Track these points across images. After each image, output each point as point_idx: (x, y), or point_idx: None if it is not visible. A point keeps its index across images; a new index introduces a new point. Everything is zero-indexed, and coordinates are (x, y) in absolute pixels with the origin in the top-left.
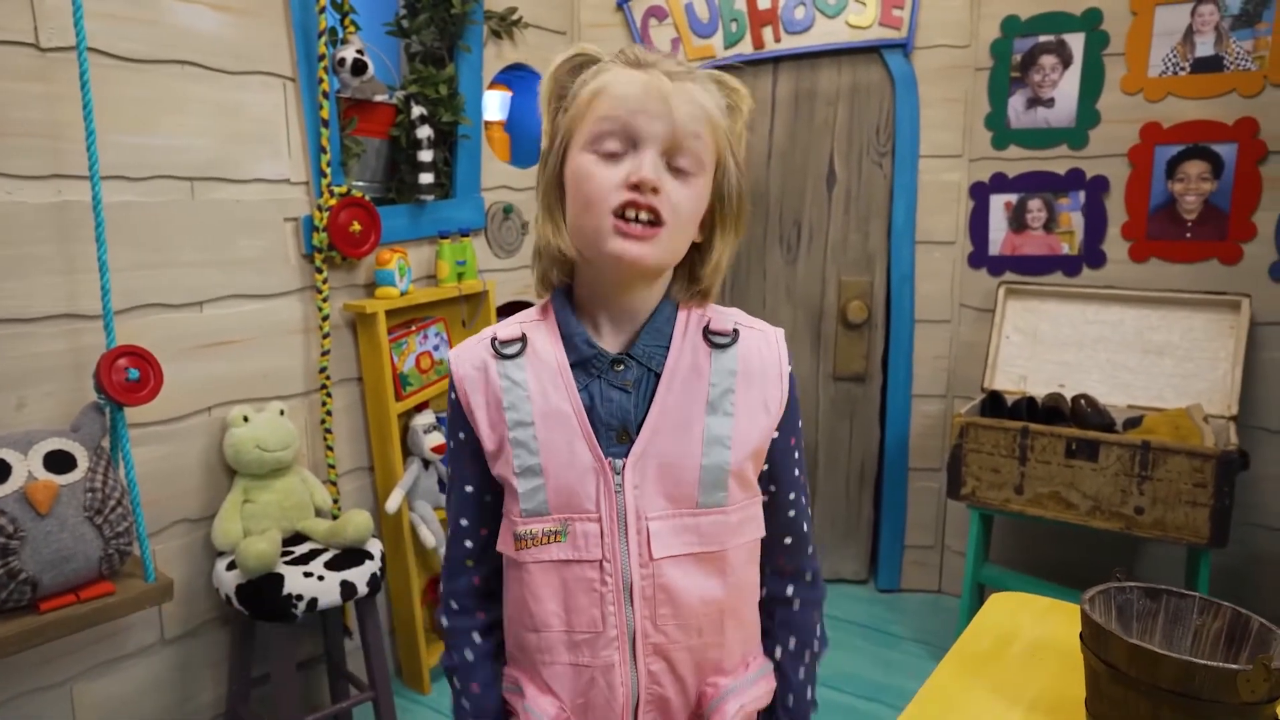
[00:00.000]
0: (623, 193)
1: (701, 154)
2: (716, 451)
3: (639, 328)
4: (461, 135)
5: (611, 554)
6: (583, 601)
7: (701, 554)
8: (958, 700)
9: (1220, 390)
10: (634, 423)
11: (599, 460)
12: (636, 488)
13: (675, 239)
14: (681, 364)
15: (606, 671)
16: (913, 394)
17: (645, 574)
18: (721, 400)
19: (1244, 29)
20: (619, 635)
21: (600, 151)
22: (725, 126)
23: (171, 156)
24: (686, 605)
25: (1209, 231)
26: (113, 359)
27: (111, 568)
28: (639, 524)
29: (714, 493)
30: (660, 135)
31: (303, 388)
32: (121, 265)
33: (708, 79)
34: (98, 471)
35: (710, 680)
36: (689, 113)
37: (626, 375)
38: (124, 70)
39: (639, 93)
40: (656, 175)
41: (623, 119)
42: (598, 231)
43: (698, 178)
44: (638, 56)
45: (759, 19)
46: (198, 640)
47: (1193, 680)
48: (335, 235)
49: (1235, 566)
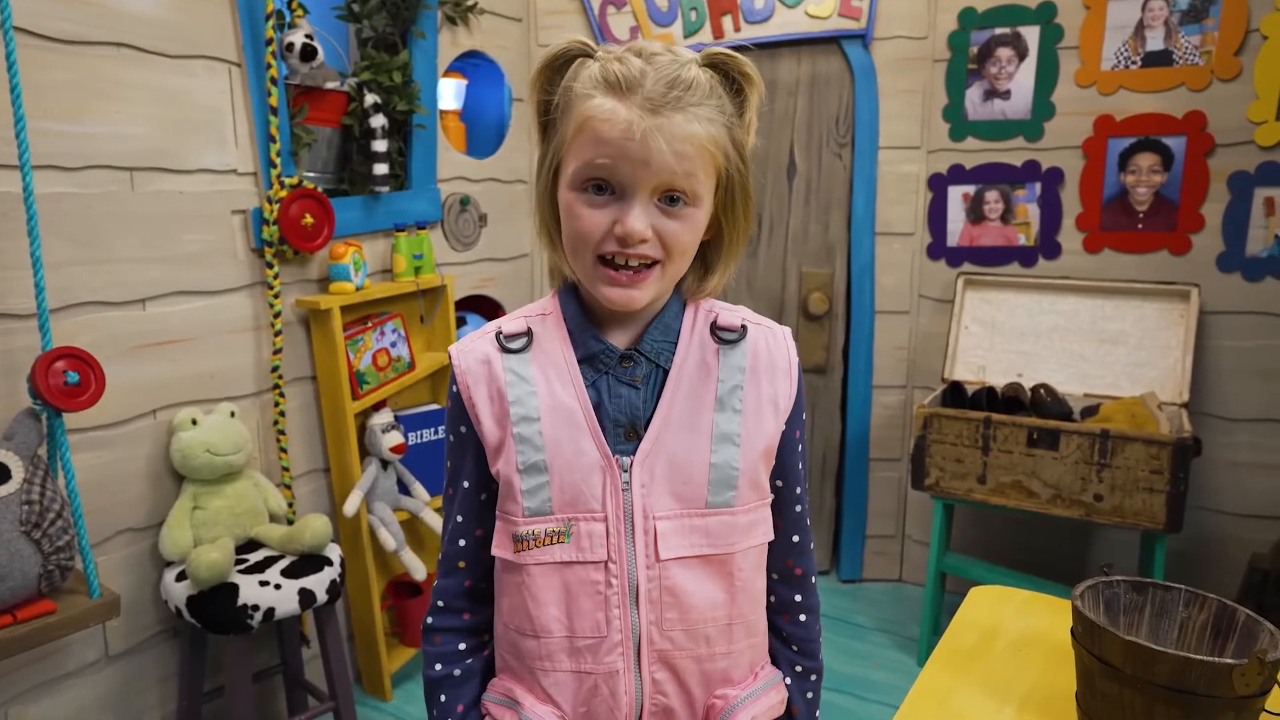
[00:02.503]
0: (610, 241)
1: (695, 187)
2: (726, 449)
3: (646, 324)
4: (416, 124)
5: (617, 554)
6: (586, 605)
7: (710, 556)
8: (949, 699)
9: (1172, 378)
10: (642, 419)
11: (606, 457)
12: (644, 486)
13: (670, 271)
14: (690, 360)
15: (610, 679)
16: (873, 385)
17: (652, 575)
18: (730, 397)
19: (1192, 24)
20: (623, 640)
21: (587, 190)
22: (728, 138)
23: (108, 145)
24: (694, 610)
25: (1160, 223)
26: (49, 361)
27: (52, 584)
28: (646, 523)
29: (723, 492)
30: (646, 180)
31: (254, 388)
32: (56, 261)
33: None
34: (34, 483)
35: (719, 692)
36: (677, 152)
37: (635, 371)
38: (53, 52)
39: (620, 135)
40: (643, 226)
41: (605, 166)
42: (586, 273)
43: (694, 209)
44: (621, 79)
45: (718, 8)
46: (145, 655)
47: (1188, 676)
48: (286, 228)
49: (1188, 550)
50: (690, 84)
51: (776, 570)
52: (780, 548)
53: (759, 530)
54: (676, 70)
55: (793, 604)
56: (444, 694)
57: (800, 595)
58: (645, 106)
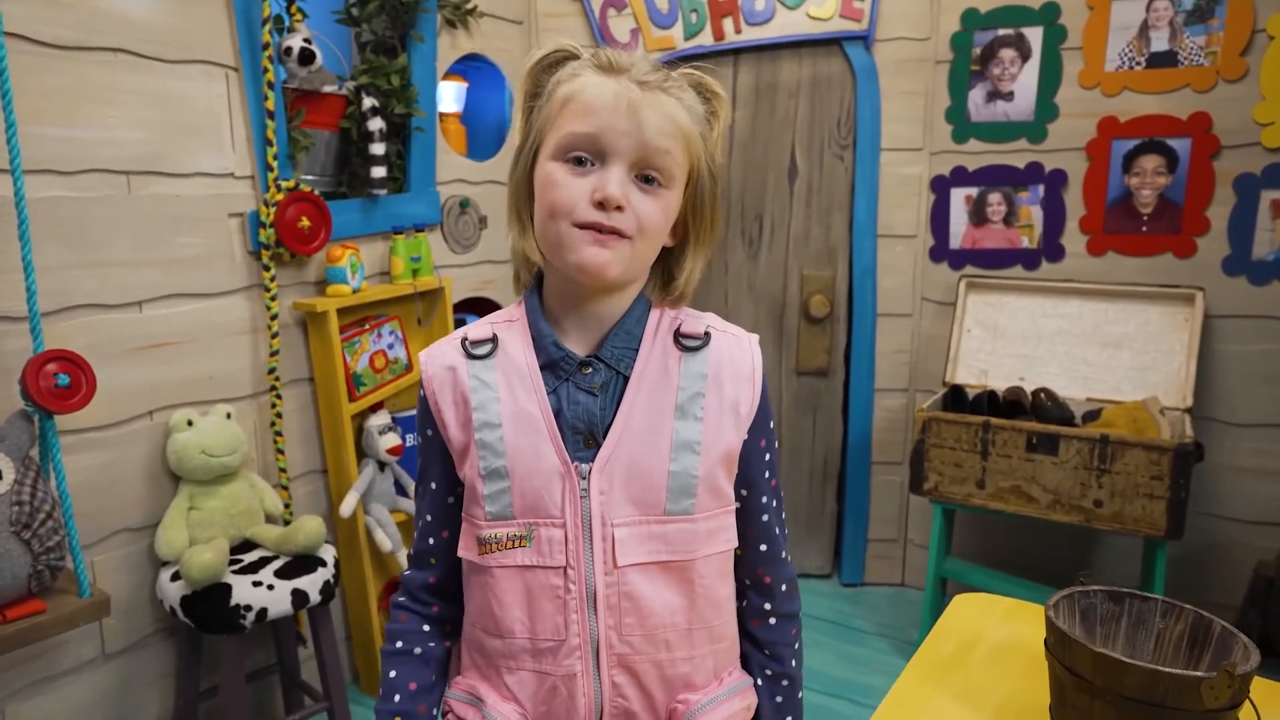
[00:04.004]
0: (588, 208)
1: (672, 168)
2: (685, 457)
3: (608, 330)
4: (415, 127)
5: (575, 560)
6: (546, 608)
7: (669, 563)
8: (924, 707)
9: (1175, 382)
10: (601, 427)
11: (565, 464)
12: (603, 493)
13: (640, 251)
14: (650, 367)
15: (568, 681)
16: (875, 388)
17: (610, 582)
18: (690, 404)
19: (1197, 24)
20: (581, 644)
21: (568, 160)
22: (701, 137)
23: (104, 149)
24: (652, 615)
25: (1164, 225)
26: (40, 364)
27: (42, 584)
28: (604, 530)
29: (682, 500)
30: (628, 150)
31: (251, 389)
32: (51, 264)
33: (685, 86)
34: (25, 484)
35: (681, 697)
36: (659, 127)
37: (594, 378)
38: (48, 58)
39: (609, 104)
40: (622, 192)
41: (591, 132)
42: (561, 240)
43: (668, 190)
44: (611, 60)
45: (719, 10)
46: (142, 654)
47: (1156, 688)
48: (283, 231)
49: (1192, 557)
50: (672, 76)
51: (748, 578)
52: (749, 557)
53: (720, 538)
54: (660, 66)
55: (763, 611)
56: (395, 670)
57: (770, 604)
58: (635, 81)
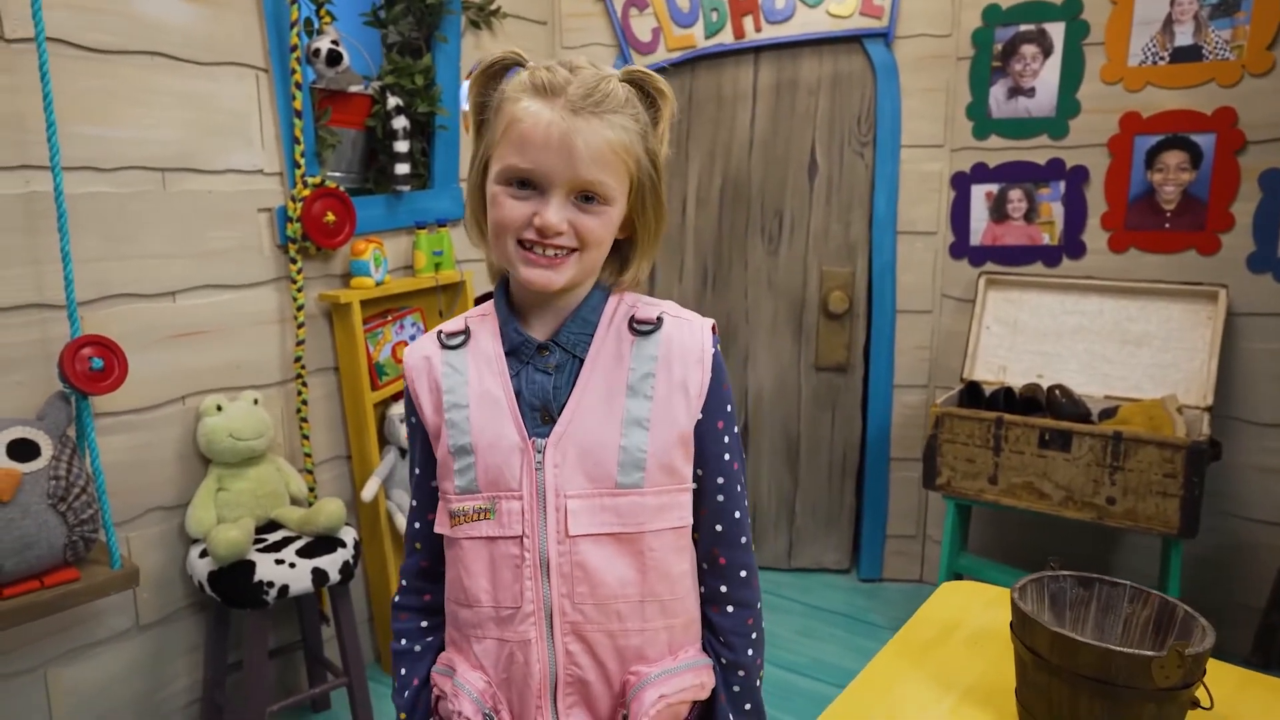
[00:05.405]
0: (528, 230)
1: (609, 190)
2: (635, 433)
3: (566, 317)
4: (439, 125)
5: (531, 530)
6: (506, 577)
7: (620, 534)
8: (894, 686)
9: (1196, 381)
10: (556, 405)
11: (524, 439)
12: (557, 466)
13: (587, 260)
14: (604, 350)
15: (524, 647)
16: (894, 384)
17: (563, 550)
18: (641, 384)
19: (1223, 18)
20: (535, 611)
21: (511, 184)
22: (641, 143)
23: (141, 147)
24: (603, 585)
25: (1187, 222)
26: (76, 348)
27: (76, 554)
28: (558, 501)
29: (632, 473)
30: (564, 180)
31: (278, 377)
32: (91, 255)
33: (619, 102)
34: (61, 460)
35: (633, 668)
36: (592, 156)
37: (550, 360)
38: (91, 61)
39: (540, 138)
40: (560, 219)
41: (527, 166)
42: (508, 255)
43: (608, 207)
44: (546, 82)
45: (740, 8)
46: (173, 627)
47: (1109, 667)
48: (309, 226)
49: (1211, 555)
50: (608, 94)
51: (704, 560)
52: (706, 537)
53: (672, 514)
54: (596, 82)
55: (719, 594)
56: (404, 667)
57: (726, 586)
58: (567, 108)
